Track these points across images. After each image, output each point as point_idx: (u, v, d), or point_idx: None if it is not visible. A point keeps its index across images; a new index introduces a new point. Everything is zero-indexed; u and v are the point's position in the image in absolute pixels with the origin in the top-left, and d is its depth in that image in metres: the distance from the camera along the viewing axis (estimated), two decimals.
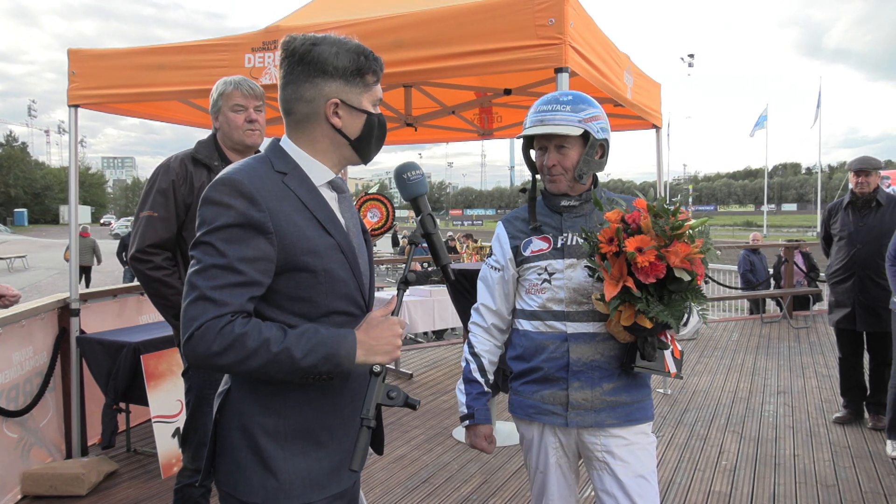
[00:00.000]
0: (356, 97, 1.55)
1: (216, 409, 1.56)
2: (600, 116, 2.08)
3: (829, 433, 4.84)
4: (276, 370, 1.39)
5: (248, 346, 1.37)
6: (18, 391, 3.91)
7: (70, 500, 3.73)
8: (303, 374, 1.41)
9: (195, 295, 1.38)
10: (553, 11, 3.29)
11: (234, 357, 1.37)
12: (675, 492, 3.84)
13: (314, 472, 1.52)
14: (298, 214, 1.48)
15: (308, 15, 4.37)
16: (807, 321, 9.44)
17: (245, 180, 1.44)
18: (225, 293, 1.39)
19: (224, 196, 1.43)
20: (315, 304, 1.49)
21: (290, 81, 1.54)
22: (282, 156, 1.56)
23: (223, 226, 1.41)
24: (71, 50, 4.39)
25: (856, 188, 5.03)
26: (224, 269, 1.40)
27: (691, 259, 1.79)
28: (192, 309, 1.38)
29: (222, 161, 2.79)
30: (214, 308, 1.37)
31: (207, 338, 1.36)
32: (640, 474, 2.04)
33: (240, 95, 2.74)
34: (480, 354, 2.20)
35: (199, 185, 2.74)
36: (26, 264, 26.10)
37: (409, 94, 5.88)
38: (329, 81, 1.52)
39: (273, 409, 1.50)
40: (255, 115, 2.77)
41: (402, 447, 4.56)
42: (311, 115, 1.54)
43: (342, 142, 1.58)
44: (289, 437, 1.50)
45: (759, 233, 14.74)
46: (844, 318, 5.06)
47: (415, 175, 1.63)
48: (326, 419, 1.54)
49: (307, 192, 1.53)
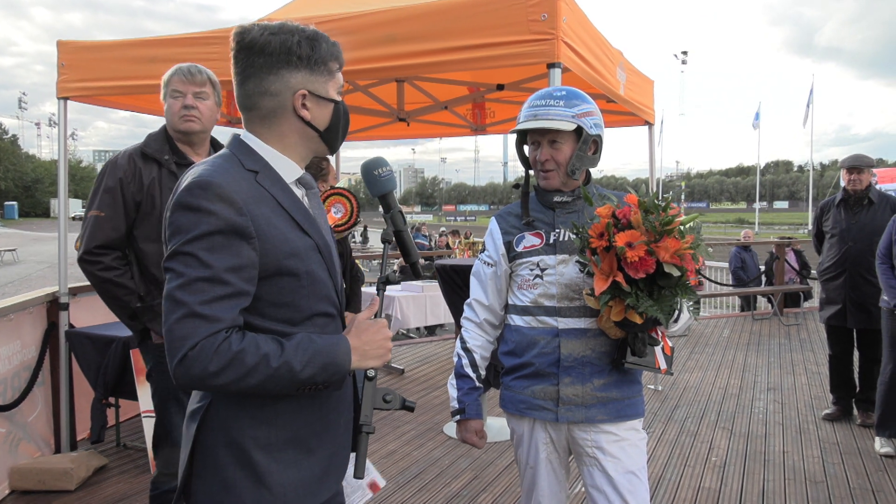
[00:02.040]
0: (322, 86, 1.48)
1: (194, 429, 1.44)
2: (594, 112, 2.08)
3: (818, 430, 4.86)
4: (273, 385, 1.33)
5: (246, 364, 1.29)
6: (6, 385, 3.88)
7: (59, 495, 3.71)
8: (299, 385, 1.35)
9: (183, 312, 1.29)
10: (546, 7, 3.28)
11: (232, 376, 1.29)
12: (664, 488, 3.85)
13: (306, 480, 1.47)
14: (276, 216, 1.41)
15: (300, 8, 4.34)
16: (797, 318, 9.48)
17: (223, 183, 1.35)
18: (216, 308, 1.30)
19: (202, 201, 1.32)
20: (298, 308, 1.44)
21: (250, 75, 1.45)
22: (249, 153, 1.47)
23: (204, 233, 1.31)
24: (60, 42, 4.35)
25: (849, 185, 5.04)
26: (211, 282, 1.31)
27: (681, 254, 1.79)
28: (181, 328, 1.28)
29: (172, 154, 2.70)
30: (207, 325, 1.29)
31: (203, 358, 1.27)
32: (630, 470, 2.04)
33: (177, 81, 2.66)
34: (472, 350, 2.20)
35: (148, 181, 2.66)
36: (16, 258, 25.94)
37: (402, 88, 5.86)
38: (294, 72, 1.44)
39: (264, 419, 1.43)
40: (193, 101, 2.67)
41: (392, 442, 4.56)
42: (277, 110, 1.46)
43: (311, 134, 1.51)
44: (281, 447, 1.44)
45: (751, 230, 14.78)
46: (835, 315, 5.09)
47: (385, 171, 1.60)
48: (315, 425, 1.49)
49: (281, 191, 1.46)
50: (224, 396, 1.43)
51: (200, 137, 2.76)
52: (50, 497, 3.70)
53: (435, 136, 7.51)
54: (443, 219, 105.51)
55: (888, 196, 5.10)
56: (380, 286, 1.53)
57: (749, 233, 12.06)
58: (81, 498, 3.69)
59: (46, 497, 3.70)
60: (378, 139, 7.16)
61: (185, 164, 2.68)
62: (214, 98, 2.77)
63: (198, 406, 1.46)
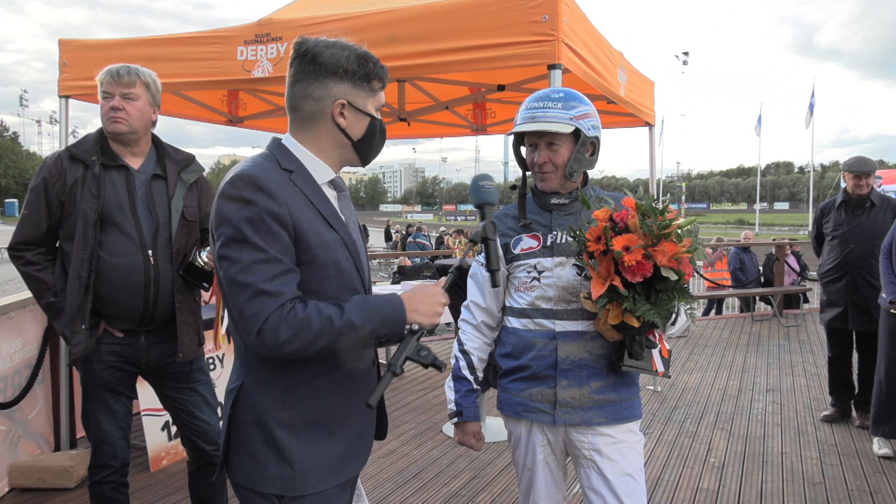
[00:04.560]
0: (362, 100, 1.62)
1: (230, 406, 1.60)
2: (591, 114, 2.08)
3: (816, 431, 4.87)
4: (342, 344, 1.47)
5: (313, 328, 1.43)
6: (7, 383, 3.88)
7: (58, 492, 3.72)
8: (364, 341, 1.50)
9: (250, 293, 1.43)
10: (547, 8, 3.29)
11: (303, 340, 1.43)
12: (663, 488, 3.86)
13: (327, 461, 1.60)
14: (307, 210, 1.54)
15: (302, 8, 4.35)
16: (796, 320, 9.49)
17: (261, 175, 1.49)
18: (276, 283, 1.44)
19: (244, 192, 1.47)
20: (325, 295, 1.54)
21: (299, 79, 1.60)
22: (286, 154, 1.60)
23: (251, 219, 1.45)
24: (62, 40, 4.36)
25: (854, 190, 5.01)
26: (268, 262, 1.45)
27: (678, 258, 1.79)
28: (251, 306, 1.43)
29: (101, 155, 2.68)
30: (273, 300, 1.43)
31: (275, 329, 1.41)
32: (627, 473, 2.04)
33: (107, 82, 2.65)
34: (470, 352, 2.20)
35: (72, 181, 2.65)
36: None
37: (403, 88, 5.86)
38: (338, 83, 1.58)
39: (286, 401, 1.55)
40: (120, 103, 2.64)
41: (392, 442, 4.56)
42: (317, 114, 1.60)
43: (345, 142, 1.64)
44: (302, 427, 1.57)
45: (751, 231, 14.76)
46: (836, 317, 5.08)
47: (488, 185, 1.80)
48: (336, 409, 1.61)
49: (312, 189, 1.58)
50: (252, 379, 1.57)
51: (131, 138, 2.70)
52: (49, 495, 3.70)
53: (436, 135, 7.51)
54: (443, 218, 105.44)
55: (889, 198, 5.09)
56: (453, 271, 1.66)
57: (749, 234, 12.05)
58: (81, 496, 3.69)
59: (46, 495, 3.71)
60: None
61: (114, 165, 2.66)
62: (147, 98, 2.72)
63: (232, 387, 1.62)
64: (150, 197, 2.69)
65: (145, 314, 2.65)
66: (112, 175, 2.66)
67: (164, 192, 2.72)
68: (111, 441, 2.69)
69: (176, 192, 2.74)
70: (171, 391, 2.83)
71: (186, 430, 2.85)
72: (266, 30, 3.96)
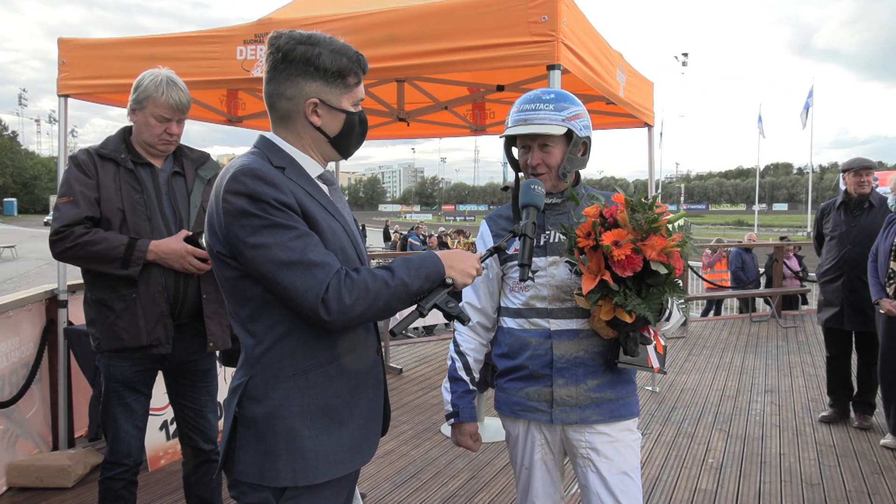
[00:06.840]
0: (336, 98, 1.61)
1: (235, 403, 1.59)
2: (582, 114, 2.08)
3: (814, 432, 4.87)
4: (396, 302, 1.52)
5: (371, 289, 1.47)
6: (4, 382, 3.88)
7: (56, 492, 3.72)
8: (413, 297, 1.54)
9: (300, 269, 1.44)
10: (546, 8, 3.29)
11: (365, 303, 1.47)
12: (661, 489, 3.86)
13: (337, 450, 1.61)
14: (310, 201, 1.55)
15: (301, 7, 4.35)
16: (795, 321, 9.49)
17: (263, 168, 1.50)
18: (321, 255, 1.47)
19: (251, 183, 1.47)
20: None
21: (272, 77, 1.59)
22: (275, 151, 1.60)
23: (269, 204, 1.46)
24: (61, 39, 4.36)
25: (856, 188, 5.02)
26: (303, 237, 1.47)
27: (668, 252, 1.80)
28: (305, 280, 1.44)
29: (129, 154, 2.70)
30: (324, 271, 1.45)
31: (337, 295, 1.44)
32: (623, 471, 2.05)
33: (166, 107, 2.64)
34: (465, 353, 2.20)
35: (106, 178, 2.66)
36: (15, 254, 25.95)
37: (402, 88, 5.87)
38: (309, 81, 1.57)
39: (297, 389, 1.56)
40: (176, 129, 2.70)
41: (390, 442, 4.56)
42: (291, 112, 1.60)
43: (322, 139, 1.64)
44: (314, 415, 1.57)
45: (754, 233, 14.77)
46: (833, 317, 5.09)
47: (538, 189, 1.91)
48: (344, 396, 1.62)
49: (307, 183, 1.59)
50: (261, 373, 1.56)
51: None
52: (47, 494, 3.70)
53: (435, 136, 7.50)
54: (442, 218, 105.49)
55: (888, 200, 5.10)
56: (492, 250, 1.76)
57: (753, 235, 12.05)
58: (79, 495, 3.70)
59: (44, 494, 3.70)
60: (378, 139, 7.18)
61: (141, 163, 2.72)
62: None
63: (238, 383, 1.61)
64: (172, 193, 2.76)
65: (174, 307, 2.67)
66: (140, 172, 2.71)
67: (183, 188, 2.79)
68: (127, 439, 2.72)
69: (195, 188, 2.81)
70: (186, 389, 2.85)
71: (189, 429, 2.86)
72: (266, 29, 3.96)
